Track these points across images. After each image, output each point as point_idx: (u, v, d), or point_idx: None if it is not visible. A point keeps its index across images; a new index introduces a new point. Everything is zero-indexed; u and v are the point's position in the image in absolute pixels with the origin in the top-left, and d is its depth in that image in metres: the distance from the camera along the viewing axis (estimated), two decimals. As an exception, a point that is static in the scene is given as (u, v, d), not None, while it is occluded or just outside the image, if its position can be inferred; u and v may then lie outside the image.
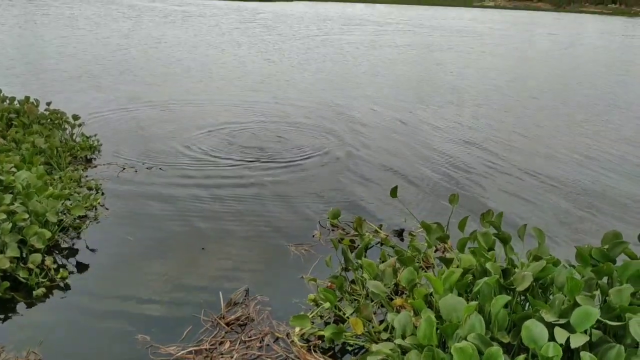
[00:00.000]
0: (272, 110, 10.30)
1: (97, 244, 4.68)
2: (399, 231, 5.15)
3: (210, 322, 3.66)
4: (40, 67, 14.31)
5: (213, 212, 5.48)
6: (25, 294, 3.88)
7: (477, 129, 9.56)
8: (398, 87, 13.90)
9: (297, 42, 23.96)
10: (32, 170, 5.15)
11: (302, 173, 6.70)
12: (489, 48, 25.54)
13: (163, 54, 18.14)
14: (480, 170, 7.19)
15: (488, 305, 2.81)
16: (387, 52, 21.70)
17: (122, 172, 6.43)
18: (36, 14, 31.99)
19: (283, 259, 4.60)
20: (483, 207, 5.59)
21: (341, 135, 8.61)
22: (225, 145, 7.76)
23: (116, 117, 9.22)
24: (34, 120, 7.18)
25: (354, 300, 3.76)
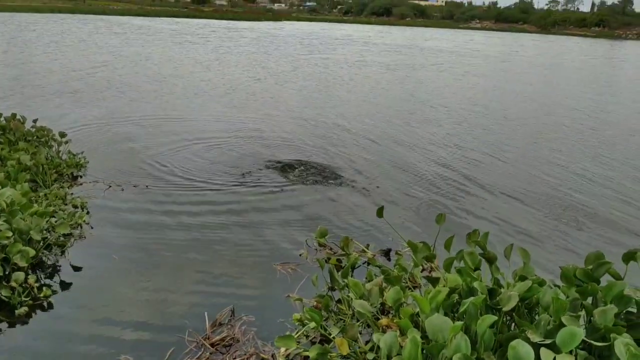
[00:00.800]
0: (257, 128, 10.32)
1: (81, 262, 4.63)
2: (386, 251, 5.15)
3: (195, 343, 3.62)
4: (26, 84, 14.25)
5: (199, 231, 5.45)
6: (7, 313, 3.82)
7: (461, 148, 9.64)
8: (380, 106, 14.00)
9: (283, 60, 24.12)
10: (17, 187, 5.10)
11: (287, 192, 6.69)
12: (472, 68, 25.85)
13: (151, 71, 18.16)
14: (465, 190, 7.24)
15: (474, 325, 2.81)
16: (369, 71, 21.89)
17: (108, 190, 6.39)
18: (24, 30, 31.96)
19: (269, 278, 4.57)
20: (469, 227, 5.62)
21: (327, 155, 8.63)
22: (211, 163, 7.75)
23: (103, 135, 9.18)
24: (20, 137, 7.13)
25: (340, 320, 3.74)
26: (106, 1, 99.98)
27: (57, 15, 58.36)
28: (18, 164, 6.02)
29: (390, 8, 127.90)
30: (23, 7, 63.97)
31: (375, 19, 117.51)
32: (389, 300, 3.35)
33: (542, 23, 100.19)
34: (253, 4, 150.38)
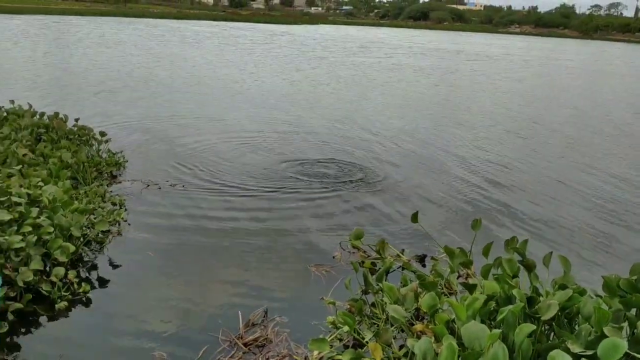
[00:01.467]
0: (291, 130, 10.36)
1: (118, 259, 4.71)
2: (421, 256, 5.09)
3: (228, 342, 3.64)
4: (66, 84, 14.64)
5: (234, 230, 5.49)
6: (47, 307, 3.90)
7: (497, 154, 9.47)
8: (417, 110, 13.89)
9: (317, 62, 24.18)
10: (58, 184, 5.23)
11: (321, 195, 6.68)
12: (509, 73, 25.43)
13: (187, 73, 18.44)
14: (501, 196, 7.11)
15: (512, 333, 2.74)
16: (403, 74, 21.75)
17: (145, 188, 6.50)
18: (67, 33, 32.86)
19: (303, 280, 4.57)
20: (505, 234, 5.53)
21: (361, 158, 8.60)
22: (246, 164, 7.81)
23: (141, 134, 9.34)
24: (62, 135, 7.31)
25: (373, 324, 3.70)
26: (146, 5, 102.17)
27: (99, 18, 59.84)
28: (60, 162, 6.17)
29: (427, 12, 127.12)
30: (67, 10, 65.92)
31: (412, 22, 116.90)
32: (424, 306, 3.31)
33: (583, 28, 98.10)
34: (290, 7, 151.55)
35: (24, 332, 3.68)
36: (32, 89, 13.40)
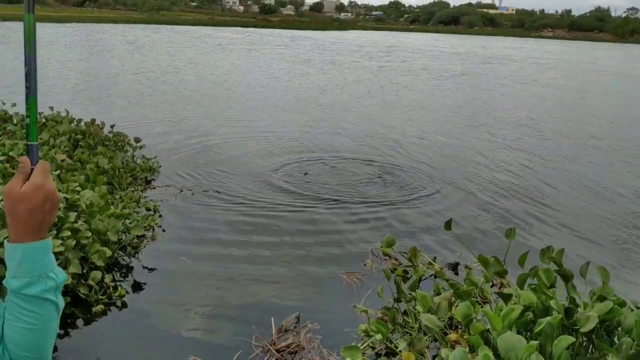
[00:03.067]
0: (325, 138, 10.38)
1: (153, 263, 4.78)
2: (454, 265, 5.04)
3: (261, 348, 3.66)
4: (101, 90, 14.96)
5: (266, 237, 5.52)
6: (84, 309, 3.99)
7: (533, 161, 9.32)
8: (450, 117, 13.77)
9: (347, 68, 24.19)
10: (95, 190, 5.34)
11: (354, 202, 6.68)
12: (541, 78, 25.03)
13: (219, 79, 18.64)
14: (536, 204, 6.99)
15: (550, 345, 2.69)
16: (439, 82, 21.59)
17: (179, 194, 6.59)
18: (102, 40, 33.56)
19: (335, 288, 4.57)
20: (540, 243, 5.43)
21: (392, 164, 8.56)
22: (279, 170, 7.85)
23: (174, 140, 9.48)
24: (98, 141, 7.47)
25: (406, 332, 3.68)
26: (178, 12, 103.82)
27: (133, 25, 61.05)
28: (97, 168, 6.30)
29: (458, 17, 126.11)
30: (102, 18, 67.47)
31: (443, 27, 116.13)
32: (458, 315, 3.27)
33: (619, 32, 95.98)
34: (319, 13, 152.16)
35: (62, 333, 3.77)
36: (71, 94, 13.73)
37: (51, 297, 1.22)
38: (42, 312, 1.21)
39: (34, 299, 1.19)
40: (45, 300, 1.21)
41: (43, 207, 1.19)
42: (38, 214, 1.18)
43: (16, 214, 1.18)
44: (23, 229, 1.18)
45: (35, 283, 1.18)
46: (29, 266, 1.18)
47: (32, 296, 1.18)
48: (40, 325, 1.21)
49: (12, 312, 1.19)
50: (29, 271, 1.18)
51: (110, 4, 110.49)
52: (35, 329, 1.20)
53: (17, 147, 6.30)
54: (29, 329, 1.19)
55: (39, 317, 1.20)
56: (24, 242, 1.18)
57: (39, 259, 1.20)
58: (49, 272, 1.21)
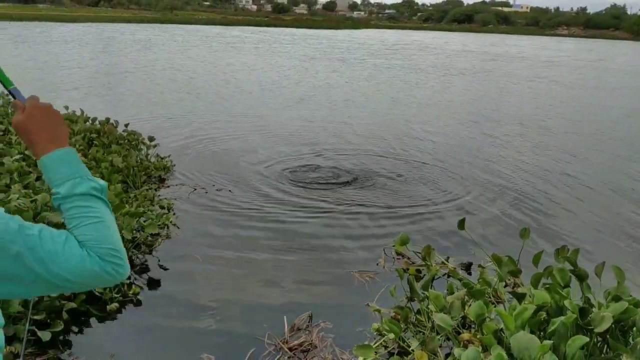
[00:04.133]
0: (337, 136, 10.37)
1: (167, 262, 4.82)
2: (467, 264, 5.02)
3: (274, 346, 3.67)
4: (113, 88, 15.08)
5: (279, 235, 5.54)
6: (99, 307, 4.03)
7: (548, 160, 9.25)
8: (460, 114, 13.70)
9: (360, 66, 24.15)
10: (110, 188, 5.39)
11: (366, 200, 6.68)
12: (556, 77, 24.80)
13: (232, 77, 18.70)
14: (552, 204, 6.94)
15: (563, 345, 2.68)
16: (452, 80, 21.49)
17: (193, 192, 6.63)
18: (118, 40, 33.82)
19: (347, 286, 4.57)
20: (554, 243, 5.39)
21: (404, 162, 8.54)
22: (293, 168, 7.86)
23: (187, 139, 9.53)
24: (113, 140, 7.54)
25: (418, 332, 3.67)
26: (191, 12, 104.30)
27: (146, 25, 61.43)
28: (111, 166, 6.36)
29: (472, 15, 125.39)
30: (116, 18, 67.98)
31: (456, 26, 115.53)
32: (471, 315, 3.26)
33: (635, 29, 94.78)
34: (332, 12, 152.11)
35: (78, 331, 3.81)
36: (83, 93, 13.85)
37: (99, 195, 1.33)
38: (98, 207, 1.32)
39: (87, 196, 1.31)
40: (96, 197, 1.32)
41: (47, 119, 1.37)
42: (46, 127, 1.35)
43: (30, 135, 1.35)
44: (44, 144, 1.34)
45: (80, 183, 1.31)
46: (67, 169, 1.32)
47: (83, 194, 1.30)
48: (103, 217, 1.31)
49: (75, 215, 1.29)
50: (69, 173, 1.32)
51: (124, 3, 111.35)
52: (101, 222, 1.30)
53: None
54: (96, 223, 1.28)
55: (98, 210, 1.31)
56: (52, 151, 1.34)
57: (73, 162, 1.34)
58: (88, 175, 1.34)
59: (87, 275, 1.23)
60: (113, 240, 1.30)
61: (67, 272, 1.20)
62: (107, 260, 1.25)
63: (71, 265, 1.21)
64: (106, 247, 1.27)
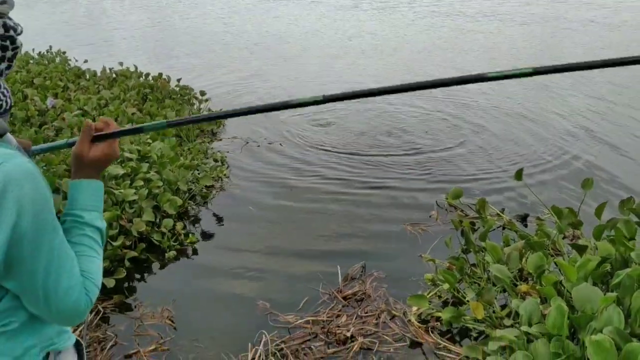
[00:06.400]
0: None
1: (222, 213, 4.92)
2: (523, 216, 4.89)
3: (328, 295, 3.72)
4: (166, 44, 15.19)
5: (330, 188, 5.52)
6: (158, 255, 4.17)
7: (613, 109, 8.78)
8: (518, 58, 13.13)
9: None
10: (165, 142, 5.49)
11: (418, 154, 6.55)
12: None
13: (280, 31, 18.50)
14: (617, 155, 6.61)
15: (629, 298, 2.59)
16: (510, 28, 20.57)
17: (245, 145, 6.68)
18: None
19: (399, 238, 4.54)
20: (620, 195, 5.16)
21: (459, 117, 8.31)
22: (347, 121, 7.77)
23: (239, 93, 9.54)
24: (166, 95, 7.64)
25: (473, 283, 3.63)
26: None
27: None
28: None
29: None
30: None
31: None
32: (529, 266, 3.19)
33: None
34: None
35: (139, 278, 3.97)
36: (136, 49, 14.03)
37: (103, 236, 1.40)
38: (101, 245, 1.37)
39: (98, 232, 1.36)
40: (101, 237, 1.38)
41: (106, 166, 1.46)
42: (100, 169, 1.44)
43: (83, 169, 1.41)
44: (91, 175, 1.41)
45: (99, 218, 1.38)
46: (98, 201, 1.40)
47: (98, 228, 1.36)
48: (101, 256, 1.36)
49: (84, 243, 1.32)
50: (98, 205, 1.39)
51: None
52: (100, 260, 1.35)
53: (90, 101, 6.54)
54: (96, 258, 1.33)
55: (100, 248, 1.36)
56: (93, 179, 1.41)
57: (101, 197, 1.42)
58: (102, 214, 1.40)
59: (71, 299, 1.22)
60: (100, 281, 1.33)
61: (61, 289, 1.20)
62: (88, 295, 1.26)
63: (69, 285, 1.21)
64: (95, 284, 1.29)
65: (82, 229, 1.33)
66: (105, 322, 3.47)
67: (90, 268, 1.29)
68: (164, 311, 3.53)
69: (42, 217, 1.16)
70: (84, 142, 1.40)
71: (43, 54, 9.88)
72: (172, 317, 3.49)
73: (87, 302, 1.25)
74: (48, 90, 7.00)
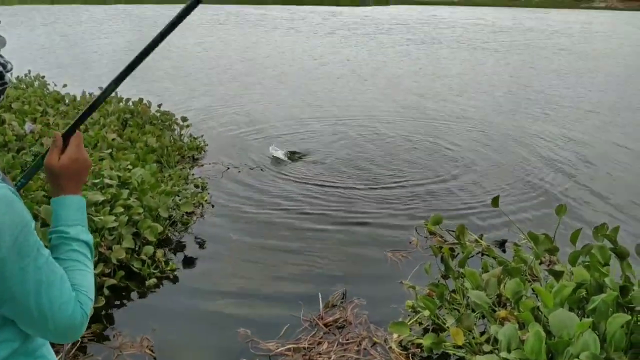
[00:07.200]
0: (374, 117, 10.30)
1: (202, 239, 4.90)
2: (501, 242, 4.97)
3: (309, 322, 3.72)
4: (148, 70, 15.19)
5: (311, 214, 5.56)
6: (138, 283, 4.13)
7: (585, 137, 9.02)
8: (489, 93, 13.44)
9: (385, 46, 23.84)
10: (145, 167, 5.48)
11: (399, 179, 6.64)
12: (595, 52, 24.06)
13: (261, 57, 18.67)
14: (588, 181, 6.78)
15: (604, 323, 2.65)
16: (484, 55, 21.05)
17: (226, 171, 6.69)
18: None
19: (380, 265, 4.58)
20: (594, 221, 5.29)
21: (435, 142, 8.45)
22: (325, 148, 7.86)
23: (220, 119, 9.57)
24: (146, 120, 7.64)
25: (453, 309, 3.67)
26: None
27: (171, 5, 61.48)
28: (146, 146, 6.45)
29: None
30: (146, 0, 68.25)
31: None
32: (507, 292, 3.24)
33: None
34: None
35: (118, 305, 3.92)
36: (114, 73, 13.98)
37: (91, 249, 1.40)
38: (90, 258, 1.38)
39: (85, 245, 1.38)
40: (89, 249, 1.39)
41: (79, 174, 1.43)
42: (75, 179, 1.42)
43: (58, 181, 1.40)
44: (70, 188, 1.41)
45: (85, 231, 1.39)
46: (81, 215, 1.41)
47: (85, 242, 1.37)
48: (92, 269, 1.37)
49: (73, 258, 1.33)
50: (82, 219, 1.40)
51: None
52: (91, 273, 1.36)
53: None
54: (87, 271, 1.34)
55: (89, 261, 1.37)
56: (76, 194, 1.42)
57: (84, 211, 1.43)
58: (87, 227, 1.41)
59: (66, 314, 1.22)
60: (93, 293, 1.33)
61: (55, 307, 1.20)
62: (83, 308, 1.26)
63: (62, 301, 1.21)
64: (89, 296, 1.30)
65: (70, 244, 1.34)
66: (83, 352, 3.41)
67: (82, 281, 1.30)
68: (144, 340, 3.49)
69: (22, 240, 1.15)
70: (52, 152, 1.42)
71: (21, 78, 9.82)
72: (151, 346, 3.45)
73: (82, 316, 1.26)
74: (26, 115, 6.94)
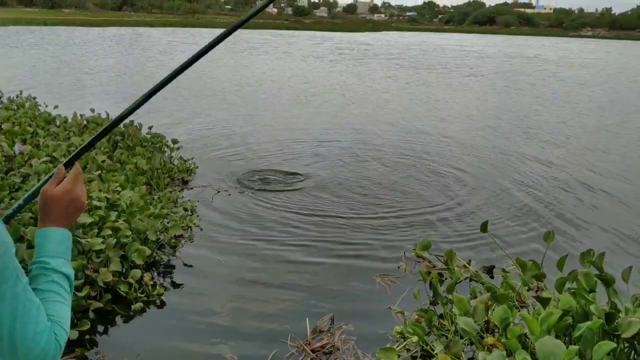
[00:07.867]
0: (365, 140, 10.37)
1: (190, 263, 4.87)
2: (489, 268, 4.98)
3: (296, 348, 3.69)
4: (137, 91, 15.23)
5: (301, 238, 5.56)
6: (124, 307, 4.09)
7: (572, 162, 9.12)
8: (482, 120, 13.59)
9: (382, 73, 24.11)
10: (134, 190, 5.47)
11: (388, 204, 6.67)
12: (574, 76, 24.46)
13: (253, 81, 18.80)
14: (576, 207, 6.85)
15: (590, 351, 2.65)
16: (472, 82, 21.33)
17: (216, 194, 6.69)
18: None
19: (368, 290, 4.57)
20: (580, 247, 5.33)
21: (422, 168, 8.51)
22: (315, 172, 7.88)
23: (211, 141, 9.61)
24: (137, 142, 7.64)
25: (441, 335, 3.66)
26: (213, 15, 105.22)
27: (169, 29, 62.09)
28: (135, 168, 6.44)
29: (494, 17, 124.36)
30: (140, 22, 68.87)
31: (478, 27, 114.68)
32: (495, 319, 3.24)
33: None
34: (352, 14, 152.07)
35: (104, 329, 3.87)
36: (106, 95, 14.05)
37: (71, 283, 1.40)
38: (68, 291, 1.37)
39: (65, 278, 1.37)
40: (69, 283, 1.38)
41: (67, 208, 1.44)
42: (64, 212, 1.43)
43: (46, 209, 1.42)
44: (58, 220, 1.42)
45: (66, 265, 1.38)
46: (65, 248, 1.41)
47: (65, 275, 1.37)
48: (69, 302, 1.37)
49: (52, 289, 1.32)
50: (65, 252, 1.40)
51: (146, 7, 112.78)
52: (68, 306, 1.35)
53: (59, 148, 6.49)
54: (64, 303, 1.33)
55: (68, 294, 1.36)
56: (63, 227, 1.43)
57: (69, 245, 1.43)
58: (69, 261, 1.41)
59: (39, 345, 1.20)
60: (69, 325, 1.32)
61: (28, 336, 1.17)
62: (57, 339, 1.25)
63: (36, 331, 1.19)
64: (64, 328, 1.29)
65: (49, 275, 1.33)
66: (67, 377, 3.36)
67: (58, 313, 1.28)
68: (129, 366, 3.45)
69: (2, 265, 1.14)
70: (51, 182, 1.45)
71: (12, 99, 9.81)
72: (136, 372, 3.41)
73: (56, 348, 1.23)
74: (16, 136, 6.93)
